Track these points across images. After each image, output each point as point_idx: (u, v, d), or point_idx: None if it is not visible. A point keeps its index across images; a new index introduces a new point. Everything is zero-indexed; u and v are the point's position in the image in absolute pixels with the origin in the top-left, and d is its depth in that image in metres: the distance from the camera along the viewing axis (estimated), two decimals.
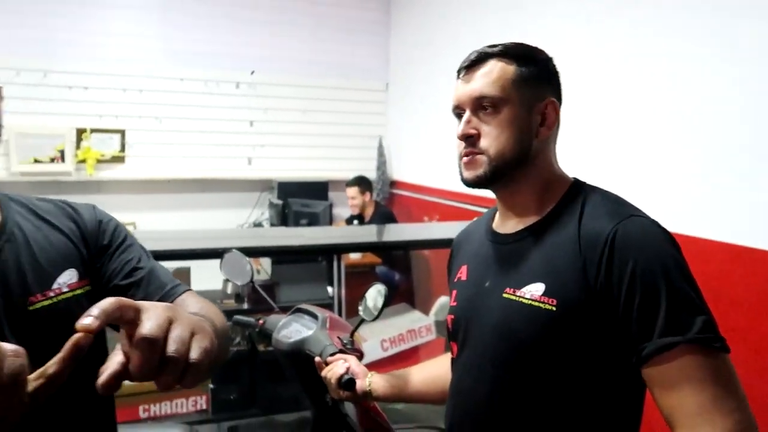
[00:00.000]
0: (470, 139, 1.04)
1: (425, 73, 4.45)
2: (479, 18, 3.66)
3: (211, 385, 2.50)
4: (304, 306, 1.57)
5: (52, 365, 0.48)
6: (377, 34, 5.06)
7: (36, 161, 4.08)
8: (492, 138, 1.02)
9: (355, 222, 4.50)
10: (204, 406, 2.48)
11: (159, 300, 0.85)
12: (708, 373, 0.86)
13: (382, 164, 4.98)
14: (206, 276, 2.46)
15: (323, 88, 4.86)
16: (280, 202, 4.32)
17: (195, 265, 2.71)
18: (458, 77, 1.07)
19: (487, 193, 1.13)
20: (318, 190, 4.65)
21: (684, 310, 0.89)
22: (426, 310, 3.46)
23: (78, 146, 4.19)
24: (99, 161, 4.25)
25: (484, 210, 1.30)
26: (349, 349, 1.41)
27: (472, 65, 1.05)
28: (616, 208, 0.99)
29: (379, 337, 2.47)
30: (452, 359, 1.17)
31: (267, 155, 4.78)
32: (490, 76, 1.02)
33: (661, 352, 0.88)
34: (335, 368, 1.31)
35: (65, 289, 0.85)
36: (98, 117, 4.23)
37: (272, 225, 4.52)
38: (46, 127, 4.06)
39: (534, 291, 0.98)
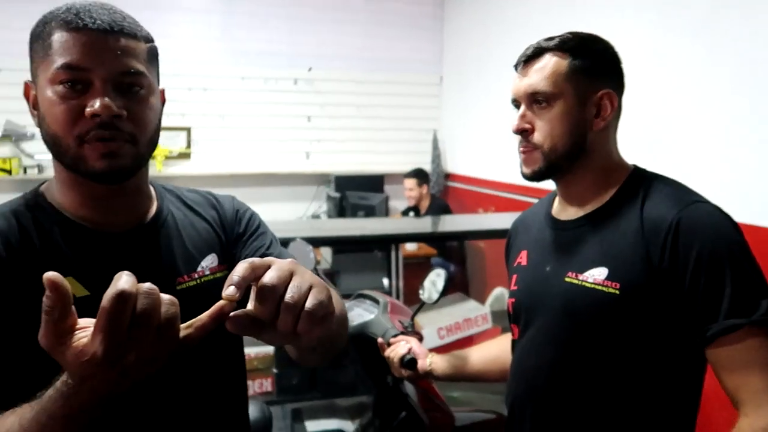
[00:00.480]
0: (524, 133, 1.07)
1: (479, 66, 4.46)
2: (534, 9, 3.64)
3: (275, 370, 2.62)
4: (365, 291, 1.65)
5: (199, 319, 0.57)
6: (431, 28, 5.09)
7: None
8: (545, 133, 1.05)
9: (411, 214, 4.56)
10: (269, 389, 2.60)
11: None
12: None
13: (436, 157, 5.03)
14: None
15: (379, 83, 4.94)
16: (337, 195, 4.43)
17: None
18: (516, 70, 1.11)
19: (543, 185, 1.16)
20: (374, 183, 4.74)
21: (749, 293, 0.91)
22: (481, 301, 3.49)
23: None
24: (167, 157, 4.48)
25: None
26: (410, 331, 1.48)
27: (528, 59, 1.08)
28: (679, 194, 1.01)
29: (435, 325, 2.53)
30: (513, 341, 1.22)
31: (324, 150, 4.90)
32: (543, 72, 1.05)
33: (727, 333, 0.91)
34: (398, 348, 1.39)
35: (207, 272, 0.94)
36: (166, 115, 4.33)
37: (329, 217, 4.64)
38: None
39: (597, 275, 1.02)
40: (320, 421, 2.35)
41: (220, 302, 0.56)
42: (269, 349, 2.59)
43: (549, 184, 1.15)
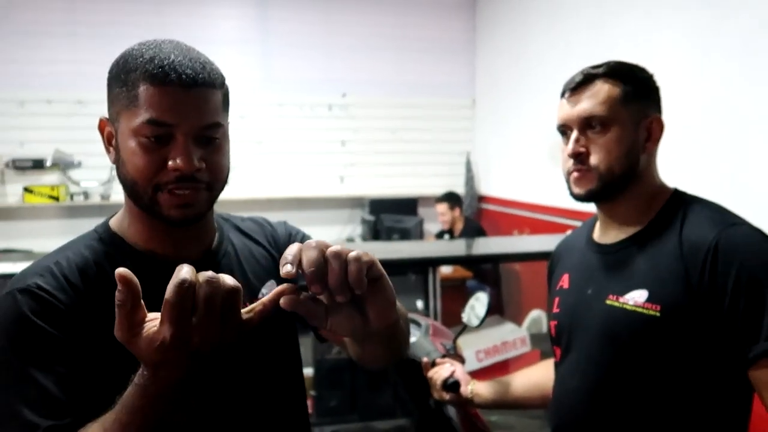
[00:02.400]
0: (579, 157, 1.09)
1: (511, 88, 4.49)
2: (565, 32, 3.67)
3: (312, 392, 2.64)
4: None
5: (260, 303, 0.63)
6: (463, 51, 5.15)
7: None
8: (602, 156, 1.07)
9: (446, 237, 4.57)
10: (308, 411, 2.62)
11: None
12: None
13: (469, 179, 5.04)
14: None
15: (412, 107, 5.01)
16: (372, 218, 4.47)
17: None
18: (563, 97, 1.13)
19: (578, 206, 1.19)
20: (408, 206, 4.78)
21: None
22: (517, 323, 3.45)
23: None
24: None
25: (575, 223, 1.35)
26: (452, 354, 1.49)
27: (577, 86, 1.10)
28: (718, 216, 1.03)
29: (473, 348, 2.52)
30: (555, 362, 1.23)
31: (358, 174, 4.97)
32: (597, 97, 1.07)
33: None
34: (441, 371, 1.40)
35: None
36: None
37: (364, 240, 4.68)
38: None
39: (637, 298, 1.03)
40: None
41: (279, 287, 0.62)
42: (308, 371, 2.62)
43: (583, 206, 1.17)
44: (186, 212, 0.82)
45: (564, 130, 1.13)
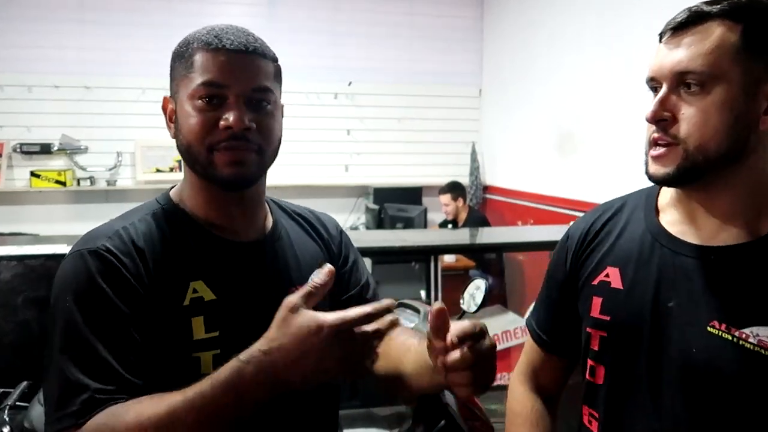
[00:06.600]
0: (662, 123, 0.82)
1: (518, 78, 4.47)
2: (574, 23, 3.64)
3: None
4: (406, 301, 1.69)
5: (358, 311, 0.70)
6: (471, 41, 5.12)
7: (158, 170, 4.50)
8: (693, 126, 0.79)
9: (449, 227, 4.57)
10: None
11: None
12: None
13: (475, 169, 5.03)
14: None
15: (418, 96, 4.99)
16: (376, 207, 4.48)
17: None
18: (660, 41, 0.86)
19: (584, 198, 1.10)
20: (412, 195, 4.78)
21: None
22: (519, 313, 3.46)
23: None
24: None
25: (580, 214, 1.11)
26: None
27: (681, 26, 0.81)
28: None
29: None
30: (593, 384, 0.96)
31: (363, 162, 4.97)
32: (702, 45, 0.78)
33: None
34: None
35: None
36: None
37: (368, 229, 4.69)
38: (166, 140, 4.44)
39: (763, 334, 0.79)
40: (358, 430, 2.37)
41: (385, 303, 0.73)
42: None
43: (591, 197, 1.03)
44: (237, 171, 0.85)
45: (654, 85, 0.85)
